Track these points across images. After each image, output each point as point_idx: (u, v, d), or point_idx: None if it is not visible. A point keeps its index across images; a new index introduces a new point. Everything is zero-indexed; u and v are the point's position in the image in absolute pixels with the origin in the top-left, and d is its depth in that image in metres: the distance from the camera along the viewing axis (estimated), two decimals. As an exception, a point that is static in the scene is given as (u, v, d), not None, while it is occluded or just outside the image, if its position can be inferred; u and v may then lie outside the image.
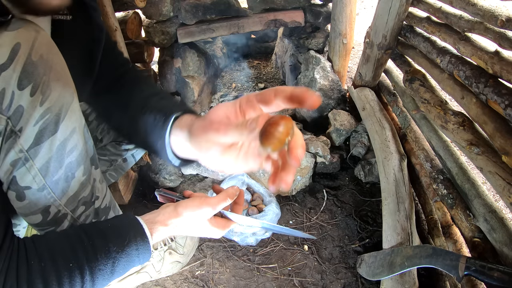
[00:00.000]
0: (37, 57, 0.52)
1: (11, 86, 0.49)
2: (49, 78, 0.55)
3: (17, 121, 0.52)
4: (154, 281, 1.17)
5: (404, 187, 1.22)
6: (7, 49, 0.49)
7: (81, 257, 0.54)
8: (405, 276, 0.97)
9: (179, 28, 1.78)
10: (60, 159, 0.60)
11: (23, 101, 0.51)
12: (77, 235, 0.58)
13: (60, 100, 0.57)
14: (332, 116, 1.73)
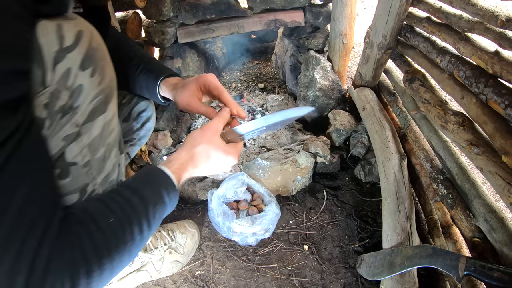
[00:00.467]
0: (95, 45, 0.60)
1: (75, 66, 0.56)
2: (104, 63, 0.63)
3: (77, 98, 0.58)
4: (154, 281, 1.17)
5: (404, 187, 1.22)
6: (72, 34, 0.55)
7: (126, 228, 0.56)
8: (405, 276, 0.98)
9: (179, 28, 1.78)
10: (103, 137, 0.67)
11: (84, 80, 0.58)
12: (123, 194, 0.59)
13: (110, 84, 0.65)
14: (332, 116, 1.73)
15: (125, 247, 0.54)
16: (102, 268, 0.50)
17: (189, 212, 1.43)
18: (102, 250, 0.50)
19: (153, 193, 0.61)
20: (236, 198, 1.42)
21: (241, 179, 1.41)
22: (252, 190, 1.45)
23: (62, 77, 0.54)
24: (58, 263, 0.44)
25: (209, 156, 0.70)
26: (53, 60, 0.52)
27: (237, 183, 1.40)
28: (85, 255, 0.48)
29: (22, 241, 0.41)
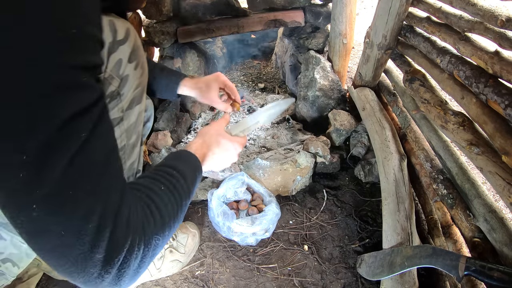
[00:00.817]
0: (139, 43, 0.68)
1: (125, 58, 0.64)
2: (144, 60, 0.71)
3: (123, 86, 0.66)
4: (154, 281, 1.17)
5: (404, 187, 1.22)
6: (123, 30, 0.62)
7: (177, 198, 0.60)
8: (405, 276, 0.98)
9: (179, 28, 1.78)
10: (137, 126, 0.74)
11: (130, 71, 0.66)
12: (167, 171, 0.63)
13: (146, 78, 0.74)
14: (332, 116, 1.73)
15: (177, 217, 0.59)
16: (164, 235, 0.54)
17: (189, 212, 1.43)
18: (164, 217, 0.54)
19: (190, 170, 0.68)
20: (236, 198, 1.42)
21: (241, 179, 1.41)
22: (252, 190, 1.45)
23: (115, 66, 0.62)
24: (135, 222, 0.47)
25: (218, 141, 0.80)
26: (108, 50, 0.59)
27: (237, 183, 1.40)
28: (154, 220, 0.52)
29: (106, 198, 0.43)
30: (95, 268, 0.42)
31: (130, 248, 0.45)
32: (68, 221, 0.39)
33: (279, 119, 1.96)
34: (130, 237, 0.45)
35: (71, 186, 0.39)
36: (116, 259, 0.44)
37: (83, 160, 0.39)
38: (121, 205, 0.45)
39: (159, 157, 1.54)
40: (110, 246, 0.42)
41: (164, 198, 0.57)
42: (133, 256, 0.46)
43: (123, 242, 0.44)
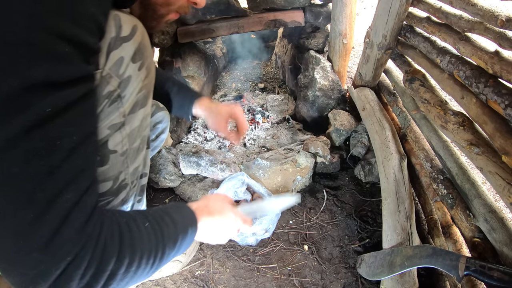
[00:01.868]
0: (146, 42, 0.63)
1: (128, 57, 0.58)
2: (151, 61, 0.66)
3: (125, 88, 0.60)
4: (154, 281, 1.17)
5: (404, 187, 1.22)
6: (129, 26, 0.57)
7: (159, 238, 0.57)
8: (405, 276, 0.98)
9: (179, 28, 1.78)
10: (141, 130, 0.70)
11: (133, 72, 0.60)
12: (155, 217, 0.60)
13: (152, 81, 0.69)
14: (332, 116, 1.73)
15: (153, 260, 0.55)
16: (129, 266, 0.49)
17: (189, 212, 1.43)
18: (136, 247, 0.51)
19: (181, 218, 0.65)
20: (236, 198, 1.41)
21: (241, 179, 1.41)
22: (252, 190, 1.45)
23: (115, 64, 0.56)
24: (92, 232, 0.44)
25: (222, 210, 0.75)
26: (108, 46, 0.54)
27: (237, 183, 1.40)
28: (121, 243, 0.48)
29: (56, 192, 0.40)
30: (30, 270, 0.39)
31: (77, 260, 0.42)
32: (4, 202, 0.37)
33: (279, 119, 1.96)
34: (78, 246, 0.42)
35: (20, 162, 0.36)
36: (54, 268, 0.40)
37: (38, 136, 0.37)
38: (74, 207, 0.42)
39: (159, 157, 1.54)
40: (49, 248, 0.39)
41: (144, 234, 0.53)
42: (79, 272, 0.42)
43: (68, 248, 0.41)
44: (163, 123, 1.03)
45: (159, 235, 0.57)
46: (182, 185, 1.52)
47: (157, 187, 1.51)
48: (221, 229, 0.75)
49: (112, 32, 0.54)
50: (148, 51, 0.64)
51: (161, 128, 1.04)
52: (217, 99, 2.15)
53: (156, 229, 0.57)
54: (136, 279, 0.53)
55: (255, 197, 1.42)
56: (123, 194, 0.71)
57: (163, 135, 1.06)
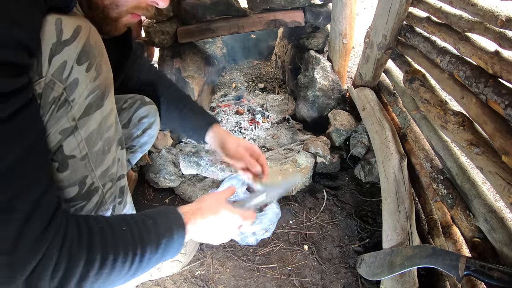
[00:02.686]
0: (93, 42, 0.61)
1: (71, 60, 0.56)
2: (101, 60, 0.64)
3: (72, 92, 0.58)
4: (154, 281, 1.17)
5: (404, 187, 1.22)
6: (70, 29, 0.55)
7: (136, 241, 0.58)
8: (405, 276, 0.98)
9: (179, 28, 1.78)
10: (101, 132, 0.68)
11: (80, 74, 0.59)
12: (134, 219, 0.61)
13: (106, 80, 0.66)
14: (332, 116, 1.73)
15: (127, 258, 0.55)
16: (101, 268, 0.50)
17: (189, 212, 1.43)
18: (108, 249, 0.51)
19: (164, 221, 0.64)
20: (236, 198, 1.41)
21: (241, 179, 1.41)
22: (252, 190, 1.45)
23: (58, 69, 0.55)
24: (56, 232, 0.45)
25: (216, 210, 0.73)
26: (50, 52, 0.53)
27: (237, 183, 1.40)
28: (90, 245, 0.49)
29: (9, 196, 0.42)
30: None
31: (43, 263, 0.43)
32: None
33: (279, 119, 1.96)
34: (44, 247, 0.43)
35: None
36: (19, 273, 0.41)
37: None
38: (34, 211, 0.44)
39: (159, 157, 1.54)
40: (15, 250, 0.41)
41: (118, 237, 0.54)
42: (46, 275, 0.43)
43: (33, 249, 0.42)
44: (149, 118, 0.99)
45: (136, 238, 0.57)
46: (182, 185, 1.52)
47: (157, 187, 1.51)
48: (218, 229, 0.74)
49: (52, 38, 0.53)
50: (97, 50, 0.62)
51: (147, 123, 1.00)
52: (217, 99, 2.15)
53: (134, 232, 0.57)
54: (112, 281, 0.53)
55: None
56: (96, 198, 0.71)
57: (150, 130, 1.02)
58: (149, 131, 1.02)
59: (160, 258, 0.62)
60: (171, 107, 1.03)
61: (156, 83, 1.03)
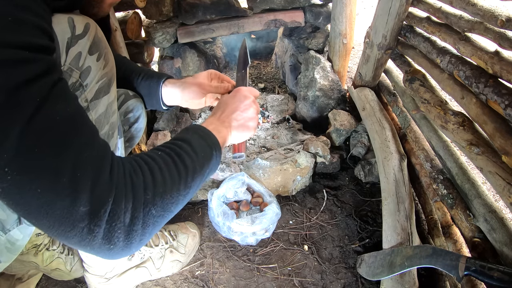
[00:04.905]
0: (100, 35, 0.71)
1: (85, 51, 0.66)
2: (108, 52, 0.73)
3: (85, 77, 0.68)
4: (154, 281, 1.17)
5: (404, 187, 1.22)
6: (82, 25, 0.65)
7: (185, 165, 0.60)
8: (405, 276, 0.98)
9: (179, 28, 1.78)
10: (107, 116, 0.75)
11: (92, 63, 0.68)
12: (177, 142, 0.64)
13: (112, 70, 0.76)
14: (332, 116, 1.73)
15: (178, 181, 0.58)
16: (157, 193, 0.54)
17: (189, 212, 1.43)
18: (156, 176, 0.55)
19: (196, 138, 0.67)
20: (236, 198, 1.42)
21: (241, 179, 1.41)
22: (252, 190, 1.45)
23: (74, 59, 0.64)
24: (119, 174, 0.50)
25: (232, 110, 0.78)
26: (66, 45, 0.62)
27: (237, 183, 1.40)
28: (144, 175, 0.53)
29: (77, 153, 0.45)
30: (83, 222, 0.44)
31: (116, 199, 0.47)
32: (39, 177, 0.41)
33: (279, 119, 1.96)
34: (114, 188, 0.47)
35: (35, 144, 0.41)
36: (103, 210, 0.45)
37: (43, 120, 0.42)
38: (98, 159, 0.47)
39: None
40: (92, 197, 0.44)
41: (159, 161, 0.57)
42: (121, 207, 0.47)
43: (107, 192, 0.46)
44: (134, 112, 0.97)
45: (175, 158, 0.60)
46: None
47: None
48: (245, 130, 0.78)
49: (68, 33, 0.62)
50: (103, 43, 0.72)
51: (133, 117, 0.99)
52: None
53: (172, 155, 0.60)
54: (171, 205, 0.56)
55: (255, 196, 1.42)
56: None
57: (136, 124, 1.01)
58: (136, 125, 1.01)
59: (201, 171, 0.64)
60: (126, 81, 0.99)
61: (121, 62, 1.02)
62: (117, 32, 1.38)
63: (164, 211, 0.54)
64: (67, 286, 1.16)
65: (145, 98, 0.97)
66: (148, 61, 1.92)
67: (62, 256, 1.11)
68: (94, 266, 1.06)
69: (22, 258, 1.03)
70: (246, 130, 0.78)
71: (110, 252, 0.49)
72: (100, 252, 0.48)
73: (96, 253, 0.49)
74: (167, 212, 0.55)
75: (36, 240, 1.06)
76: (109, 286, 1.09)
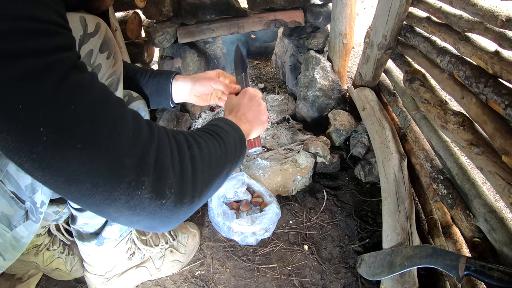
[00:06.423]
0: (110, 35, 0.74)
1: (96, 49, 0.69)
2: (116, 50, 0.76)
3: (96, 74, 0.66)
4: (154, 281, 1.17)
5: (404, 187, 1.22)
6: (93, 24, 0.68)
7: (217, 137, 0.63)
8: (405, 276, 0.98)
9: (179, 28, 1.78)
10: None
11: (102, 61, 0.71)
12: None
13: (120, 68, 0.79)
14: (332, 116, 1.73)
15: (218, 157, 0.60)
16: (207, 160, 0.55)
17: (189, 212, 1.43)
18: (204, 146, 0.56)
19: (226, 125, 0.70)
20: (236, 198, 1.42)
21: (241, 179, 1.41)
22: (252, 190, 1.45)
23: (86, 56, 0.67)
24: (157, 126, 0.51)
25: (247, 106, 0.82)
26: (79, 42, 0.65)
27: (237, 183, 1.40)
28: (184, 135, 0.55)
29: (113, 110, 0.46)
30: (130, 174, 0.43)
31: (160, 147, 0.47)
32: (77, 132, 0.40)
33: (279, 119, 1.96)
34: (156, 137, 0.48)
35: (69, 100, 0.40)
36: (148, 157, 0.45)
37: (75, 80, 0.42)
38: (134, 116, 0.48)
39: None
40: (135, 147, 0.44)
41: (199, 135, 0.59)
42: (167, 153, 0.48)
43: (149, 141, 0.47)
44: (138, 112, 0.99)
45: (215, 135, 0.62)
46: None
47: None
48: (260, 124, 0.82)
49: (80, 31, 0.65)
50: (113, 42, 0.75)
51: None
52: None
53: (211, 132, 0.63)
54: (216, 169, 0.58)
55: (255, 196, 1.42)
56: None
57: None
58: None
59: (234, 152, 0.66)
60: (130, 80, 1.00)
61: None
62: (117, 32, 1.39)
63: (211, 170, 0.55)
64: (67, 286, 1.16)
65: (152, 95, 0.96)
66: (148, 61, 1.93)
67: (63, 256, 1.11)
68: (94, 266, 1.06)
69: (22, 257, 1.03)
70: (262, 125, 0.83)
71: (162, 211, 0.46)
72: (151, 212, 0.45)
73: (147, 214, 0.45)
74: (212, 177, 0.56)
75: (36, 240, 1.06)
76: (109, 286, 1.09)
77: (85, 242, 0.98)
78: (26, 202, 0.61)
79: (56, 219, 0.98)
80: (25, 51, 0.38)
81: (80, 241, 0.99)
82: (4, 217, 0.58)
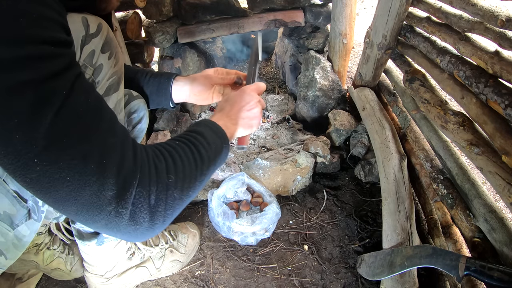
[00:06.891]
0: (111, 35, 0.74)
1: (98, 49, 0.70)
2: (118, 51, 0.76)
3: (98, 74, 0.71)
4: (154, 281, 1.17)
5: (404, 187, 1.22)
6: (95, 24, 0.68)
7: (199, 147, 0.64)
8: (405, 276, 0.98)
9: (179, 28, 1.78)
10: (116, 113, 0.75)
11: (103, 61, 0.71)
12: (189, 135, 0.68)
13: (121, 68, 0.79)
14: (332, 116, 1.73)
15: (195, 168, 0.61)
16: (178, 178, 0.56)
17: (189, 212, 1.43)
18: (176, 161, 0.57)
19: (207, 130, 0.70)
20: (236, 198, 1.42)
21: (241, 179, 1.41)
22: (252, 190, 1.45)
23: (88, 56, 0.68)
24: (143, 158, 0.52)
25: (239, 107, 0.81)
26: (81, 42, 0.66)
27: (237, 183, 1.40)
28: (166, 160, 0.56)
29: (102, 140, 0.47)
30: (110, 205, 0.46)
31: (141, 182, 0.49)
32: (68, 166, 0.43)
33: (279, 119, 1.96)
34: (138, 171, 0.50)
35: (63, 135, 0.43)
36: (129, 193, 0.48)
37: (69, 111, 0.44)
38: (120, 144, 0.49)
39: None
40: (118, 181, 0.47)
41: (178, 149, 0.60)
42: (147, 189, 0.50)
43: (132, 175, 0.49)
44: (139, 112, 0.98)
45: (192, 147, 0.63)
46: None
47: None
48: (248, 127, 0.82)
49: (82, 32, 0.65)
50: (114, 43, 0.75)
51: (137, 117, 0.99)
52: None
53: (188, 144, 0.63)
54: (190, 190, 0.59)
55: (255, 197, 1.42)
56: None
57: (140, 125, 1.02)
58: (139, 125, 1.02)
59: (213, 161, 0.67)
60: (130, 81, 1.00)
61: None
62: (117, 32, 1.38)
63: (183, 195, 0.57)
64: (67, 286, 1.16)
65: (152, 96, 0.98)
66: (148, 61, 1.93)
67: (63, 255, 1.11)
68: (94, 265, 1.06)
69: (23, 256, 1.03)
70: (250, 128, 0.83)
71: (136, 233, 0.51)
72: (126, 233, 0.50)
73: (122, 234, 0.50)
74: (186, 196, 0.58)
75: (37, 239, 1.06)
76: (109, 286, 1.09)
77: (85, 242, 0.98)
78: (28, 201, 0.61)
79: (57, 217, 0.98)
80: (19, 84, 0.39)
81: (80, 240, 0.99)
82: (6, 216, 0.58)
